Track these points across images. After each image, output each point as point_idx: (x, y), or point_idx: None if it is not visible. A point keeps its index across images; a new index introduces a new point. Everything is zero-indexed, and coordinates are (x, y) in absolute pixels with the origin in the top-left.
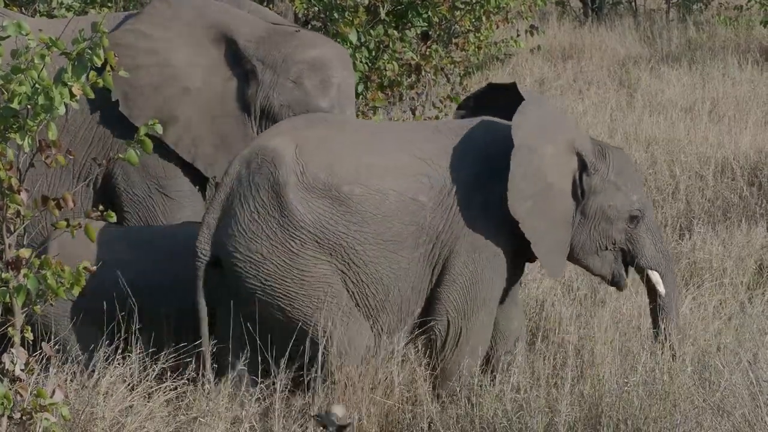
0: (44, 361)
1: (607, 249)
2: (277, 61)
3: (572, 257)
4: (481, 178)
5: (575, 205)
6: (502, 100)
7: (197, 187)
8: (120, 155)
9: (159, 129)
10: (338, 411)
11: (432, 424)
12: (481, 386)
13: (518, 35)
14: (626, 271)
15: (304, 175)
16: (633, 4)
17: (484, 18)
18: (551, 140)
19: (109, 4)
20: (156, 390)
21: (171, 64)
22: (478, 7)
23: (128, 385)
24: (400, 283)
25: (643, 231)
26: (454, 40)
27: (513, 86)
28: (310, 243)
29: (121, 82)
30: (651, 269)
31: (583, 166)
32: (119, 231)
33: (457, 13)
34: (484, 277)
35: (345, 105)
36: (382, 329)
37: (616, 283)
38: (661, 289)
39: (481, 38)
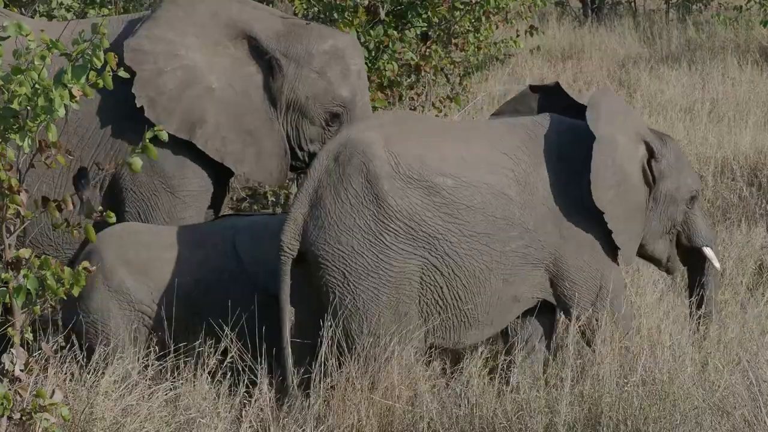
0: (44, 361)
1: (669, 232)
2: (299, 53)
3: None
4: (561, 173)
5: (648, 192)
6: (544, 100)
7: (206, 187)
8: (124, 160)
9: (164, 136)
10: None
11: (431, 425)
12: (482, 382)
13: (518, 35)
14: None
15: (399, 165)
16: (632, 4)
17: (483, 18)
18: (623, 130)
19: (109, 5)
20: (155, 390)
21: (193, 66)
22: (477, 8)
23: (127, 385)
24: (492, 277)
25: (697, 210)
26: (453, 41)
27: (557, 86)
28: (403, 235)
29: (145, 88)
30: (706, 246)
31: (651, 153)
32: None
33: (457, 13)
34: (604, 271)
35: (364, 92)
36: (470, 322)
37: (672, 267)
38: (717, 264)
39: (481, 38)
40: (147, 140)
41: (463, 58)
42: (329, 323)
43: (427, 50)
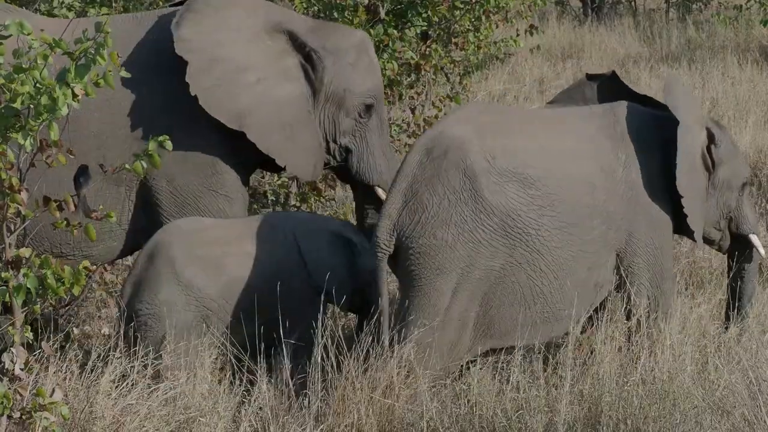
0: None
1: (723, 218)
2: (335, 47)
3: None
4: (641, 158)
5: (707, 177)
6: (600, 89)
7: (242, 180)
8: (126, 165)
9: (169, 146)
10: None
11: (431, 423)
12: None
13: (518, 35)
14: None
15: (495, 159)
16: (632, 3)
17: (483, 17)
18: (695, 117)
19: (109, 4)
20: (155, 389)
21: (239, 58)
22: (477, 7)
23: (127, 384)
24: (577, 266)
25: (746, 197)
26: (453, 40)
27: (613, 75)
28: (498, 232)
29: (197, 79)
30: (753, 233)
31: (711, 139)
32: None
33: (457, 12)
34: (665, 251)
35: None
36: (551, 315)
37: (723, 245)
38: (762, 251)
39: (481, 38)
40: (152, 149)
41: (463, 57)
42: (327, 323)
43: (427, 49)
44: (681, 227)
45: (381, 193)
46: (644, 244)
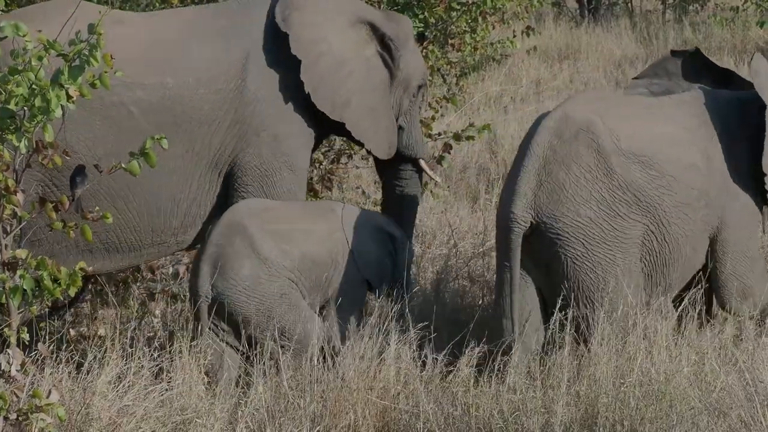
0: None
1: None
2: (401, 34)
3: None
4: (731, 142)
5: None
6: (684, 65)
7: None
8: (122, 165)
9: (165, 144)
10: None
11: (428, 425)
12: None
13: (514, 36)
14: None
15: (620, 141)
16: (629, 4)
17: (480, 19)
18: None
19: (105, 5)
20: (151, 390)
21: (336, 51)
22: (474, 8)
23: (123, 385)
24: (686, 245)
25: None
26: (450, 41)
27: (696, 51)
28: (633, 205)
29: (309, 76)
30: None
31: None
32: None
33: (454, 14)
34: (753, 233)
35: None
36: (666, 289)
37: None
38: None
39: (478, 39)
40: (148, 146)
41: (460, 59)
42: (323, 323)
43: (424, 50)
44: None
45: (424, 164)
46: (733, 230)
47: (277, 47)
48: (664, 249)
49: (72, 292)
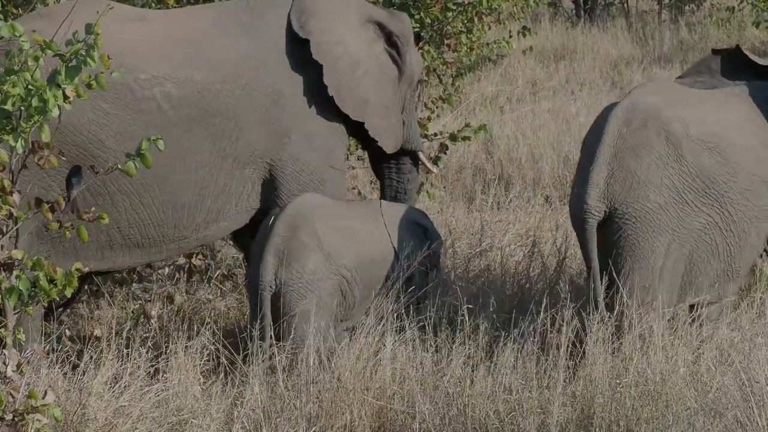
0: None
1: None
2: (405, 33)
3: None
4: None
5: None
6: (724, 62)
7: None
8: (118, 166)
9: (161, 145)
10: None
11: (424, 425)
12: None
13: (510, 36)
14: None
15: (689, 128)
16: (625, 5)
17: (476, 19)
18: None
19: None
20: (147, 391)
21: (351, 51)
22: (470, 9)
23: (120, 385)
24: (751, 230)
25: None
26: (446, 42)
27: (737, 49)
28: (701, 193)
29: (330, 79)
30: None
31: None
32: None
33: (449, 14)
34: None
35: None
36: (734, 276)
37: None
38: None
39: (473, 39)
40: (144, 148)
41: (456, 59)
42: (313, 324)
43: (420, 51)
44: None
45: (423, 156)
46: None
47: (302, 46)
48: (729, 238)
49: (68, 292)
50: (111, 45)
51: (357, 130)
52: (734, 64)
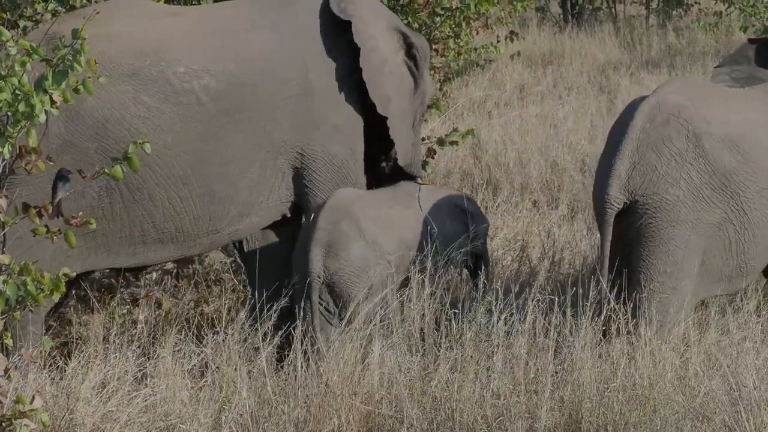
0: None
1: None
2: (424, 50)
3: None
4: None
5: None
6: (760, 51)
7: None
8: (105, 170)
9: (148, 148)
10: None
11: (412, 430)
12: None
13: (498, 41)
14: None
15: (711, 126)
16: (613, 10)
17: (464, 24)
18: None
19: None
20: (135, 396)
21: (382, 48)
22: (458, 13)
23: (107, 391)
24: (766, 227)
25: None
26: (434, 46)
27: None
28: (718, 189)
29: (365, 65)
30: None
31: None
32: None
33: (437, 19)
34: None
35: None
36: (747, 271)
37: None
38: None
39: (461, 44)
40: (131, 152)
41: (444, 64)
42: (301, 327)
43: None
44: None
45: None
46: None
47: (333, 38)
48: (743, 235)
49: (56, 297)
50: (149, 40)
51: (370, 139)
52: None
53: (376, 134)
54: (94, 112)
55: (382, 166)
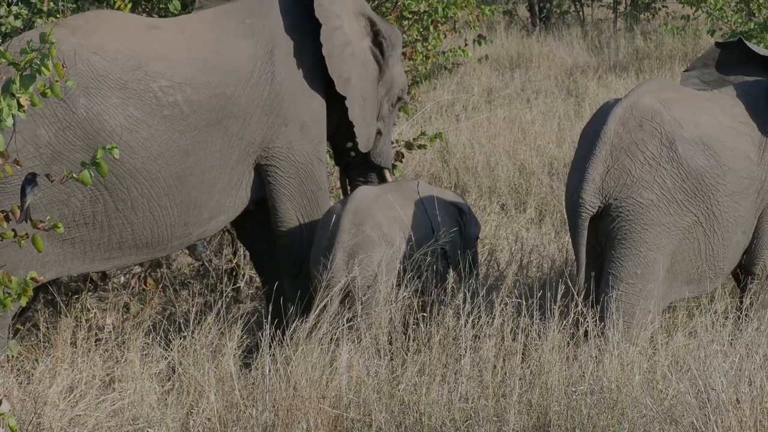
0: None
1: None
2: (393, 39)
3: None
4: None
5: None
6: (728, 54)
7: None
8: (73, 174)
9: (116, 153)
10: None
11: None
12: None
13: (466, 45)
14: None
15: (684, 129)
16: (580, 13)
17: (431, 27)
18: None
19: (57, 15)
20: (103, 400)
21: (346, 29)
22: (425, 17)
23: (75, 395)
24: (738, 230)
25: None
26: (402, 50)
27: (739, 41)
28: (690, 193)
29: (326, 42)
30: None
31: None
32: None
33: (405, 22)
34: None
35: None
36: (717, 273)
37: None
38: None
39: (429, 48)
40: (99, 157)
41: (412, 67)
42: (270, 331)
43: None
44: None
45: (389, 176)
46: None
47: (301, 39)
48: (712, 239)
49: (23, 301)
50: (135, 53)
51: (334, 131)
52: (737, 55)
53: (343, 122)
54: (84, 123)
55: (350, 156)
